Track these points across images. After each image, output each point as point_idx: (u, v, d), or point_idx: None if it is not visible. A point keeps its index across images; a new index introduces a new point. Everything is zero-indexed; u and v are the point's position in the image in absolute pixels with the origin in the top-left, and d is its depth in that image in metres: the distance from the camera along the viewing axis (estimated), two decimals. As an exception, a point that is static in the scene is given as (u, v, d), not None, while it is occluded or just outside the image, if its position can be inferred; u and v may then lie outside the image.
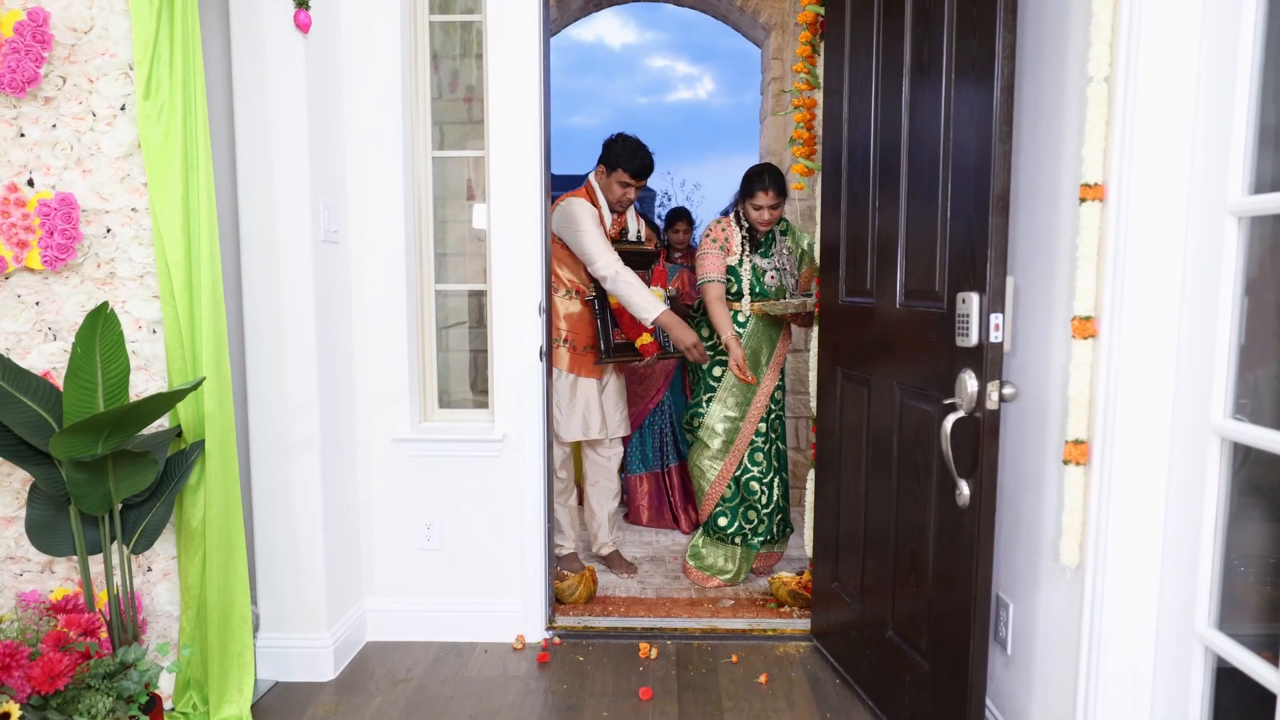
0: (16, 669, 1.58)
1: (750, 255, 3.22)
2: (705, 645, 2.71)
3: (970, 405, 1.73)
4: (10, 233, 1.96)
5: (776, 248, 3.27)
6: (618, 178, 3.09)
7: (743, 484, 3.21)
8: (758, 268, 3.22)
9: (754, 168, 3.21)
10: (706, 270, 3.20)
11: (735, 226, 3.22)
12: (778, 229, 3.27)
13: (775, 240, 3.27)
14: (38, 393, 1.86)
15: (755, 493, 3.20)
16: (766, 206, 3.12)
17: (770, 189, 3.12)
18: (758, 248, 3.26)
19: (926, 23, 1.97)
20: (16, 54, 1.90)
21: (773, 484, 3.25)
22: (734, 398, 3.20)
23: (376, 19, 2.57)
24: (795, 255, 3.30)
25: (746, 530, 3.21)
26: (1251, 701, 1.30)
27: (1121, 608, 1.52)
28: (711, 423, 3.20)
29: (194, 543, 2.09)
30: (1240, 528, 1.42)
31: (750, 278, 3.19)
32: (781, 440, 3.32)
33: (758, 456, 3.22)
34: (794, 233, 3.33)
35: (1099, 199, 1.51)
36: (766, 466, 3.24)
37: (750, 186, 3.16)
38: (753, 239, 3.23)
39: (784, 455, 3.33)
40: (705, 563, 3.23)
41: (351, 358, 2.66)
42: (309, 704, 2.33)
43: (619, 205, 3.18)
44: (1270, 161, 1.35)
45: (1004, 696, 2.00)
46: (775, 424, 3.28)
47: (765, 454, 3.23)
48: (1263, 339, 1.39)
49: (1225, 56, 1.34)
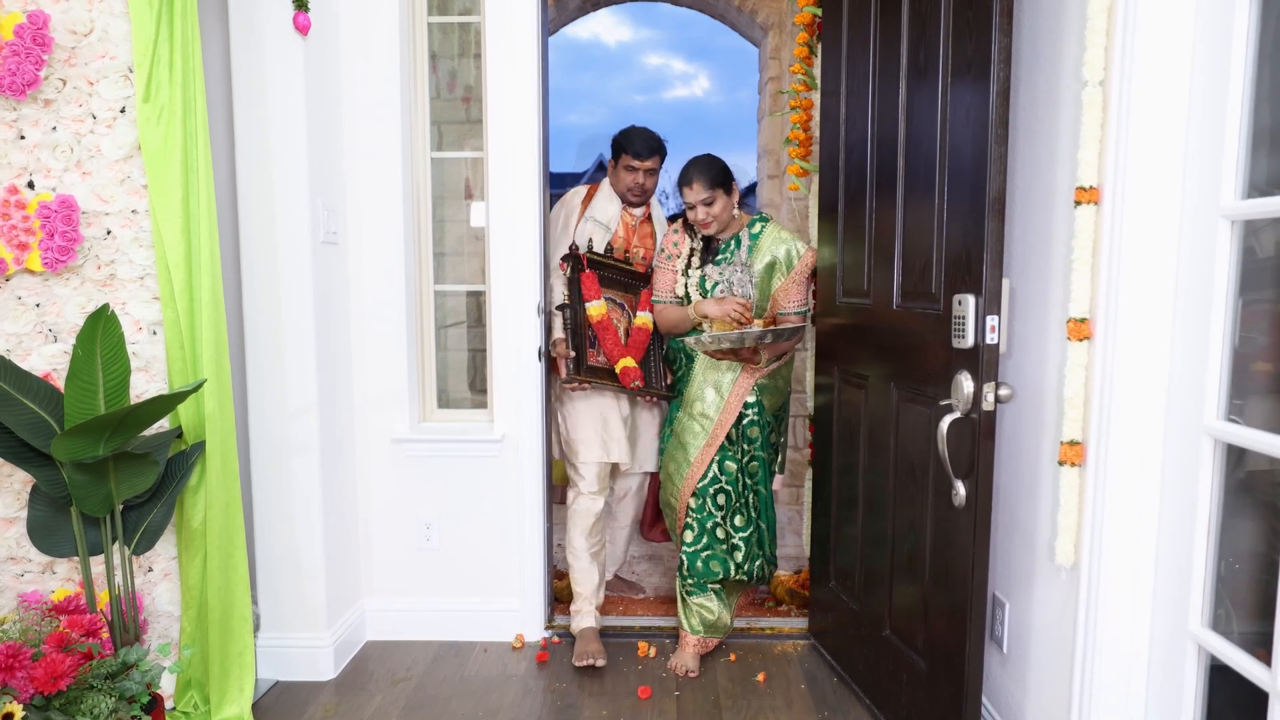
0: (19, 670, 1.59)
1: (700, 267, 2.70)
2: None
3: (966, 406, 1.75)
4: (11, 235, 1.97)
5: (733, 257, 2.67)
6: (624, 162, 2.79)
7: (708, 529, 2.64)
8: (707, 278, 2.68)
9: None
10: (655, 289, 2.78)
11: (686, 235, 2.74)
12: (746, 232, 2.69)
13: (739, 244, 2.68)
14: (38, 394, 1.86)
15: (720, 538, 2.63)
16: (698, 204, 2.56)
17: (695, 182, 2.55)
18: (713, 255, 2.71)
19: (923, 25, 1.98)
20: (17, 57, 1.91)
21: (750, 537, 2.65)
22: (688, 432, 2.66)
23: (375, 20, 2.58)
24: (755, 269, 2.63)
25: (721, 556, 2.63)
26: (1245, 698, 1.32)
27: (1116, 607, 1.54)
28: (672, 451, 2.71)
29: (195, 543, 2.10)
30: (1235, 526, 1.44)
31: (698, 292, 2.68)
32: (765, 485, 2.71)
33: (719, 499, 2.63)
34: (767, 238, 2.66)
35: (1094, 202, 1.52)
36: (745, 520, 2.65)
37: (678, 184, 2.64)
38: (707, 246, 2.72)
39: (767, 505, 2.72)
40: (693, 621, 2.61)
41: (350, 358, 2.67)
42: (309, 703, 2.34)
43: (634, 194, 2.81)
44: (1265, 165, 1.36)
45: (1000, 695, 2.02)
46: (749, 466, 2.67)
47: (728, 495, 2.63)
48: (1259, 342, 1.41)
49: (1219, 60, 1.35)
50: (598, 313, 2.66)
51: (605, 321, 2.66)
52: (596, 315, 2.66)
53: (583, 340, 2.66)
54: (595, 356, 2.69)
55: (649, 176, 2.82)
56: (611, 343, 2.68)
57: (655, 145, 2.79)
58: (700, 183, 2.55)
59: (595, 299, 2.66)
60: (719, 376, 2.65)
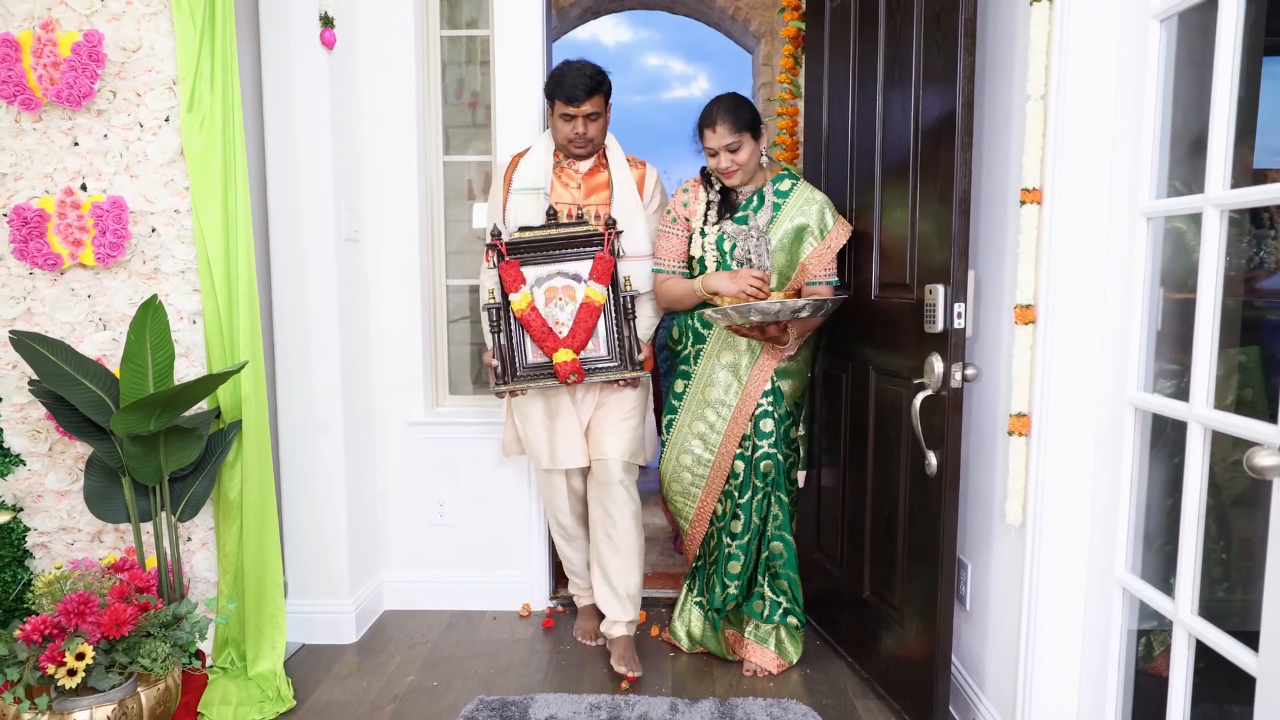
0: (90, 615, 1.80)
1: (718, 222, 2.34)
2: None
3: (937, 385, 1.94)
4: (66, 233, 2.17)
5: (756, 215, 2.32)
6: (558, 110, 2.36)
7: (717, 552, 2.49)
8: (727, 237, 2.32)
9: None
10: (655, 258, 2.44)
11: (703, 187, 2.41)
12: (771, 188, 2.35)
13: (763, 201, 2.33)
14: (95, 376, 2.07)
15: (730, 560, 2.46)
16: (721, 149, 2.24)
17: (719, 124, 2.22)
18: (732, 211, 2.36)
19: (898, 43, 2.18)
20: (74, 71, 2.11)
21: (748, 548, 2.45)
22: (702, 422, 2.42)
23: (392, 35, 2.77)
24: (777, 234, 2.31)
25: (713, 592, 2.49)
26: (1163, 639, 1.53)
27: (1056, 559, 1.74)
28: (674, 454, 2.48)
29: (231, 513, 2.30)
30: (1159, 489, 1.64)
31: (715, 254, 2.34)
32: (780, 489, 2.46)
33: (734, 524, 2.41)
34: (797, 198, 2.34)
35: (1037, 202, 1.73)
36: (745, 526, 2.42)
37: (698, 127, 2.30)
38: (725, 200, 2.37)
39: (784, 521, 2.48)
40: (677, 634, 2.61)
41: (369, 347, 2.88)
42: (334, 663, 2.55)
43: (578, 146, 2.39)
44: (1181, 169, 1.57)
45: (964, 648, 2.22)
46: (761, 465, 2.41)
47: (745, 509, 2.42)
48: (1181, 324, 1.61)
49: (1137, 79, 1.56)
50: (519, 307, 2.36)
51: (529, 316, 2.36)
52: (518, 309, 2.36)
53: (520, 337, 2.41)
54: (538, 351, 2.42)
55: (591, 122, 2.36)
56: (540, 336, 2.36)
57: (594, 83, 2.31)
58: (726, 125, 2.22)
59: (516, 291, 2.37)
60: (735, 358, 2.37)
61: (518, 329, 2.39)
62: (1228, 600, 1.76)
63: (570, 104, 2.31)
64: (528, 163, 2.46)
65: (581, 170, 2.47)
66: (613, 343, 2.40)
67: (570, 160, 2.46)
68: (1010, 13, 1.92)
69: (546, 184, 2.44)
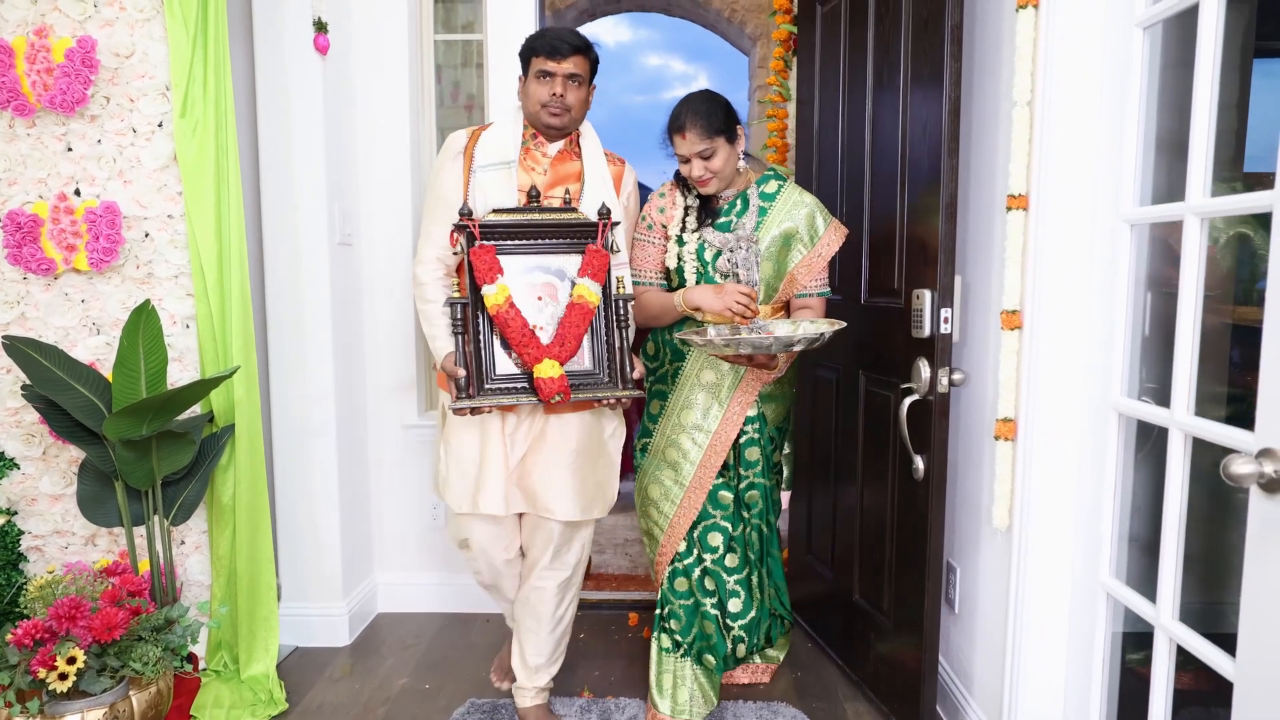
0: (80, 619, 1.81)
1: (698, 229, 2.12)
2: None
3: (924, 389, 1.96)
4: (60, 238, 2.18)
5: (741, 220, 2.12)
6: (535, 67, 2.00)
7: (694, 580, 2.18)
8: (708, 246, 2.11)
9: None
10: (631, 268, 2.14)
11: (680, 192, 2.17)
12: (755, 190, 2.14)
13: (747, 205, 2.13)
14: (88, 380, 2.08)
15: (713, 592, 2.18)
16: (693, 156, 2.02)
17: (688, 129, 1.99)
18: (713, 217, 2.13)
19: (886, 48, 2.19)
20: (67, 77, 2.12)
21: (749, 582, 2.22)
22: (675, 449, 2.16)
23: (385, 39, 2.79)
24: (764, 241, 2.10)
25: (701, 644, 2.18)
26: (1146, 639, 1.54)
27: (1041, 563, 1.75)
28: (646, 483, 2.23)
29: (224, 517, 2.31)
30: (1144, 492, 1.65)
31: (695, 264, 2.11)
32: (767, 517, 2.27)
33: (712, 539, 2.17)
34: (785, 200, 2.13)
35: (1023, 208, 1.73)
36: (740, 561, 2.19)
37: (667, 131, 2.07)
38: (705, 207, 2.14)
39: (771, 540, 2.31)
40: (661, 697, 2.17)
41: (364, 350, 2.89)
42: (327, 665, 2.56)
43: (553, 111, 2.00)
44: (1164, 176, 1.58)
45: (953, 652, 2.23)
46: (746, 496, 2.22)
47: (724, 533, 2.17)
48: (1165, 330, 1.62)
49: (1121, 85, 1.57)
50: (495, 301, 1.88)
51: (507, 314, 1.88)
52: (493, 305, 1.88)
53: (490, 342, 1.93)
54: (510, 360, 1.94)
55: (572, 86, 1.99)
56: (519, 340, 1.89)
57: (581, 41, 2.00)
58: (696, 130, 1.99)
59: (491, 282, 1.88)
60: (717, 379, 2.14)
61: (487, 331, 1.92)
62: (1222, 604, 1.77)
63: (551, 57, 1.96)
64: (492, 136, 2.06)
65: (550, 154, 2.08)
66: (601, 354, 1.97)
67: (538, 141, 2.07)
68: (997, 19, 1.93)
69: (517, 158, 2.04)
